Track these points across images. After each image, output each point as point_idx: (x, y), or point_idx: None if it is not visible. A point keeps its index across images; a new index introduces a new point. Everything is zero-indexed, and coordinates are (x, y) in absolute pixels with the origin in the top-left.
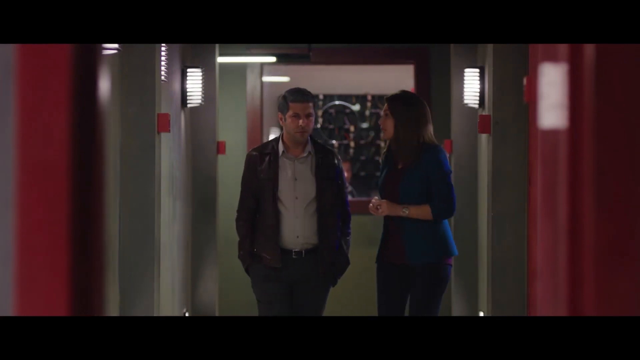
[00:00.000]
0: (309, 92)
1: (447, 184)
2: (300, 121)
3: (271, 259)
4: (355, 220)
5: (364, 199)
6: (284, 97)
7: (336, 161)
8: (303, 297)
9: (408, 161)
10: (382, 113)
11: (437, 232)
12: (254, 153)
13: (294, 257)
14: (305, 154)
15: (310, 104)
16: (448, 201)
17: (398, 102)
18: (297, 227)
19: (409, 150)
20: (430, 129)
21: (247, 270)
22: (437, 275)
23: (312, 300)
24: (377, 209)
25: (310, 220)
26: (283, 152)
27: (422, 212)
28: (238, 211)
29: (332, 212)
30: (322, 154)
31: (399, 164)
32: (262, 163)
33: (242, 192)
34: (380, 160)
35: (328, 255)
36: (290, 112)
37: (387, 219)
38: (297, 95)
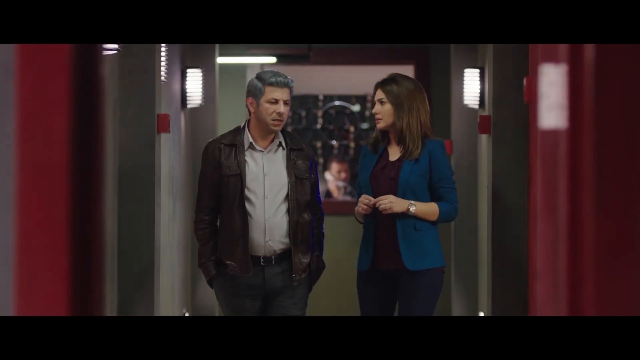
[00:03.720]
0: (288, 77)
1: (454, 184)
2: (279, 108)
3: (238, 267)
4: (353, 221)
5: None
6: (259, 79)
7: (309, 152)
8: (279, 311)
9: (413, 153)
10: (375, 100)
11: (433, 237)
12: (215, 145)
13: (262, 264)
14: (275, 146)
15: (290, 90)
16: (454, 202)
17: (393, 86)
18: (267, 230)
19: (414, 141)
20: (429, 117)
21: (209, 282)
22: (437, 281)
23: (290, 312)
24: (369, 205)
25: (282, 222)
26: (250, 143)
27: (429, 210)
28: (197, 212)
29: (306, 212)
30: (293, 145)
31: (390, 156)
32: (225, 157)
33: (200, 190)
34: (365, 150)
35: (301, 262)
36: (266, 97)
37: (374, 222)
38: (277, 77)
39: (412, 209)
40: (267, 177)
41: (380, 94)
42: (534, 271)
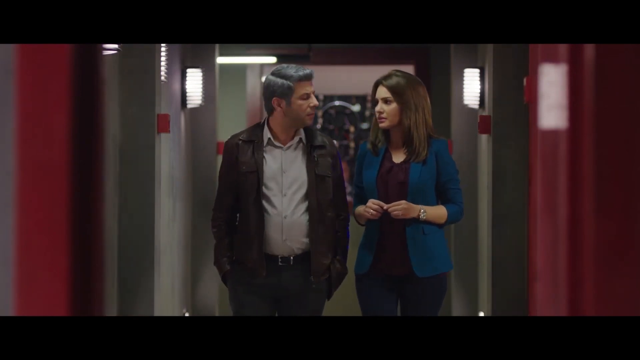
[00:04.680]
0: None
1: (459, 184)
2: (312, 101)
3: (253, 267)
4: (355, 221)
5: None
6: (285, 77)
7: (333, 150)
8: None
9: (420, 155)
10: (377, 98)
11: (440, 240)
12: (235, 141)
13: (280, 264)
14: (295, 142)
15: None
16: (461, 204)
17: (398, 83)
18: (284, 228)
19: (420, 141)
20: (430, 115)
21: (224, 280)
22: (442, 287)
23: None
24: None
25: (300, 220)
26: (269, 139)
27: (438, 214)
28: (214, 210)
29: (327, 212)
30: (315, 141)
31: (394, 157)
32: (243, 153)
33: (219, 187)
34: (364, 149)
35: (321, 263)
36: (298, 94)
37: (380, 226)
38: (302, 71)
39: (423, 215)
40: (285, 174)
41: (384, 92)
42: (534, 271)
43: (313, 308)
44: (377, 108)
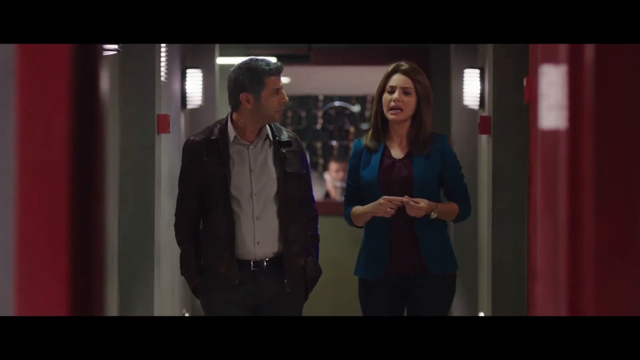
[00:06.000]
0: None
1: (464, 179)
2: (283, 96)
3: (226, 273)
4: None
5: None
6: (253, 70)
7: (300, 146)
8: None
9: (422, 150)
10: (396, 87)
11: (447, 236)
12: (197, 139)
13: (253, 269)
14: (261, 140)
15: None
16: (469, 199)
17: (422, 77)
18: (257, 231)
19: (427, 136)
20: None
21: (194, 291)
22: (453, 285)
23: None
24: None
25: (272, 222)
26: (235, 137)
27: (449, 211)
28: (177, 215)
29: (298, 211)
30: (282, 137)
31: (393, 153)
32: (207, 153)
33: (181, 190)
34: (359, 147)
35: (296, 265)
36: (269, 88)
37: (387, 224)
38: (272, 65)
39: (434, 214)
40: (253, 173)
41: (406, 82)
42: (534, 271)
43: (292, 313)
44: (395, 97)
